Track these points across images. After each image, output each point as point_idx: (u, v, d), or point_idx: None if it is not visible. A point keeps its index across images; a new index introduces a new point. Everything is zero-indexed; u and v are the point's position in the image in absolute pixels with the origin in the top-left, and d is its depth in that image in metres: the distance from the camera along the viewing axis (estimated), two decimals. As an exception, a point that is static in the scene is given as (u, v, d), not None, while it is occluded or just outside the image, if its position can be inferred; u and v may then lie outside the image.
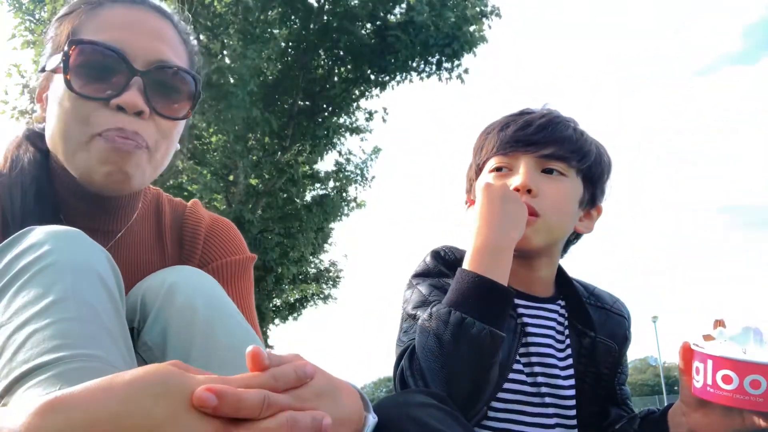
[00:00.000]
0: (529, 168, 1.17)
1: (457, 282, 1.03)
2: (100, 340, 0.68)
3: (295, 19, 11.92)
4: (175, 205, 1.20)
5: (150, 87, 0.97)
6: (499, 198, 1.09)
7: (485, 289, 0.99)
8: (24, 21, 10.97)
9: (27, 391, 0.61)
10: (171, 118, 1.01)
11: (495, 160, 1.22)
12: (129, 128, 0.94)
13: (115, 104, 0.94)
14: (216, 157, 11.96)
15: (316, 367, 0.63)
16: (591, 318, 1.21)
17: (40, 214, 0.96)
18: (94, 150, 0.94)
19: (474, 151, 1.31)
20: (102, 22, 0.99)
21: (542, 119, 1.21)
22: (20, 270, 0.71)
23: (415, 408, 0.77)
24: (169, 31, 1.05)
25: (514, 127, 1.21)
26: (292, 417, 0.53)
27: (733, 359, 0.92)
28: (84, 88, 0.94)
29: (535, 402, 1.14)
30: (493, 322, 0.97)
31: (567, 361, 1.19)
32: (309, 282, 15.13)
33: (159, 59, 0.99)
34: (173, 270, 0.92)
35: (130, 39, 0.97)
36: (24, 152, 1.04)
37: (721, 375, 0.93)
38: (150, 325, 0.83)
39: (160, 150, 1.01)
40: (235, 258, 1.15)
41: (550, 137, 1.18)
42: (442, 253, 1.24)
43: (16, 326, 0.66)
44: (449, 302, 1.00)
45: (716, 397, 0.93)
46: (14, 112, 10.75)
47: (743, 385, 0.90)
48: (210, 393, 0.50)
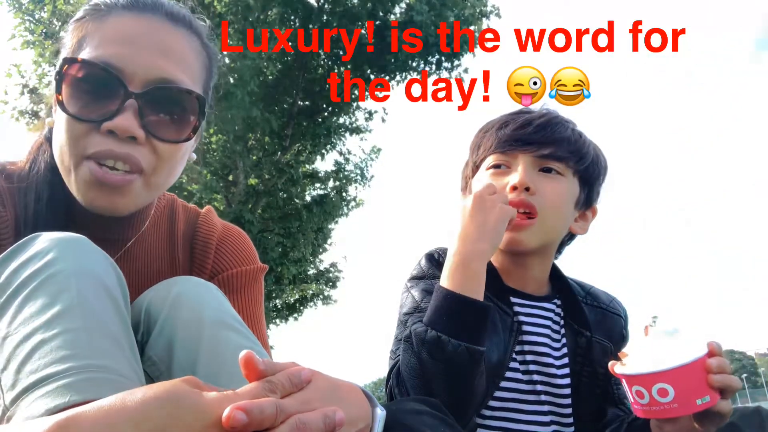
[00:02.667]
0: (527, 166, 1.17)
1: (433, 299, 1.02)
2: (107, 349, 0.68)
3: (295, 19, 11.91)
4: (189, 212, 1.19)
5: (147, 108, 0.92)
6: (474, 207, 1.07)
7: (457, 306, 0.98)
8: (24, 21, 10.95)
9: (35, 402, 0.61)
10: (169, 142, 0.96)
11: (493, 158, 1.23)
12: (120, 151, 0.90)
13: (107, 129, 0.90)
14: (216, 157, 11.95)
15: (318, 371, 0.64)
16: (586, 317, 1.22)
17: (53, 220, 0.95)
18: (81, 174, 0.91)
19: (471, 148, 1.31)
20: (106, 35, 0.95)
21: (541, 119, 1.21)
22: (26, 279, 0.70)
23: (407, 415, 0.77)
24: (179, 43, 0.99)
25: (513, 125, 1.21)
26: (300, 420, 0.54)
27: (636, 375, 0.91)
28: (78, 110, 0.91)
29: (531, 400, 1.15)
30: (468, 337, 0.95)
31: (563, 359, 1.19)
32: (309, 282, 15.11)
33: (160, 77, 0.93)
34: (179, 280, 0.90)
35: (131, 55, 0.92)
36: (42, 154, 1.02)
37: (635, 390, 0.92)
38: (155, 338, 0.82)
39: (159, 174, 0.97)
40: (246, 268, 1.13)
41: (550, 137, 1.18)
42: (435, 256, 1.24)
43: (23, 336, 0.66)
44: (426, 320, 1.00)
45: (637, 411, 0.93)
46: (14, 112, 10.73)
47: (653, 396, 0.89)
48: (241, 411, 0.50)
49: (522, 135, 1.19)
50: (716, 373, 0.88)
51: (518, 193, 1.14)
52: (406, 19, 11.15)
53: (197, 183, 10.91)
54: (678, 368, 0.88)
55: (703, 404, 0.87)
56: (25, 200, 0.96)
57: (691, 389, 0.88)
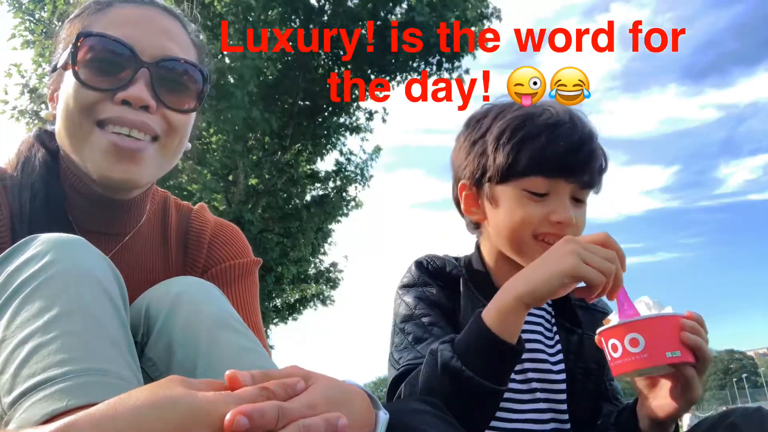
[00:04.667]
0: (567, 197, 1.12)
1: (470, 326, 0.96)
2: (105, 352, 0.68)
3: (296, 19, 11.92)
4: (182, 208, 1.20)
5: (157, 80, 0.98)
6: (568, 263, 0.92)
7: (493, 350, 0.93)
8: (24, 21, 10.97)
9: (32, 406, 0.61)
10: (179, 111, 1.01)
11: (536, 184, 1.11)
12: (134, 118, 0.94)
13: (121, 98, 0.94)
14: (216, 157, 11.95)
15: (322, 374, 0.63)
16: (577, 316, 1.23)
17: (49, 217, 0.96)
18: (97, 143, 0.94)
19: (480, 147, 1.19)
20: (111, 20, 1.00)
21: (587, 141, 1.12)
22: (23, 282, 0.70)
23: (409, 415, 0.77)
24: (177, 30, 1.06)
25: (561, 145, 1.09)
26: (303, 425, 0.53)
27: (610, 327, 0.93)
28: (91, 80, 0.95)
29: (526, 399, 1.15)
30: (492, 378, 0.92)
31: (558, 356, 1.20)
32: (309, 282, 15.11)
33: (167, 54, 1.00)
34: (178, 281, 0.91)
35: (139, 35, 0.98)
36: (35, 153, 1.03)
37: (611, 345, 0.94)
38: (154, 339, 0.82)
39: (171, 142, 1.02)
40: (239, 261, 1.14)
41: (590, 164, 1.12)
42: (425, 263, 1.23)
43: (21, 339, 0.65)
44: (456, 345, 0.95)
45: (612, 369, 0.94)
46: (14, 112, 10.74)
47: (626, 347, 0.91)
48: (243, 416, 0.50)
49: (572, 162, 1.10)
50: (690, 333, 0.90)
51: (560, 229, 1.09)
52: (406, 20, 11.16)
53: (197, 183, 10.91)
54: (650, 318, 0.91)
55: (673, 358, 0.88)
56: (19, 199, 0.97)
57: (662, 341, 0.89)
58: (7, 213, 0.96)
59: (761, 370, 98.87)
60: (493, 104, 1.27)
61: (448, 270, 1.23)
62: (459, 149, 1.26)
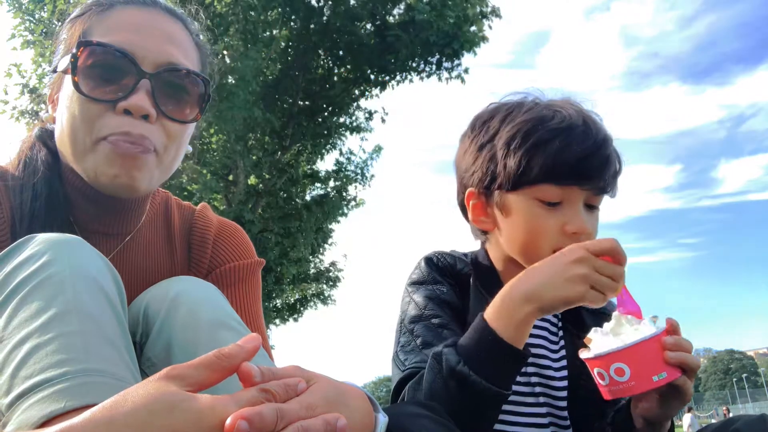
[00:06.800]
0: (581, 204, 1.08)
1: (474, 330, 0.95)
2: (103, 353, 0.67)
3: (296, 19, 11.92)
4: (184, 208, 1.19)
5: (158, 89, 0.96)
6: (577, 274, 0.91)
7: (500, 354, 0.92)
8: (24, 21, 10.96)
9: (30, 408, 0.60)
10: (179, 122, 1.00)
11: (548, 192, 1.07)
12: (135, 132, 0.93)
13: (122, 108, 0.93)
14: (216, 157, 11.95)
15: (322, 375, 0.63)
16: (584, 320, 1.20)
17: (51, 217, 0.96)
18: (101, 153, 0.94)
19: (489, 152, 1.13)
20: (112, 24, 0.99)
21: (602, 146, 1.08)
22: (21, 282, 0.70)
23: (407, 419, 0.77)
24: (180, 34, 1.04)
25: (575, 151, 1.05)
26: (302, 426, 0.53)
27: (595, 357, 0.93)
28: (92, 91, 0.94)
29: (529, 402, 1.14)
30: (499, 382, 0.92)
31: (561, 362, 1.19)
32: (309, 282, 15.11)
33: (168, 62, 0.98)
34: (177, 280, 0.91)
35: (140, 41, 0.97)
36: (36, 153, 1.03)
37: (597, 372, 0.94)
38: (153, 339, 0.82)
39: (169, 153, 1.00)
40: (243, 262, 1.14)
41: (606, 170, 1.08)
42: (434, 260, 1.21)
43: (18, 340, 0.65)
44: (461, 350, 0.94)
45: (603, 393, 0.94)
46: (14, 112, 10.73)
47: (612, 377, 0.91)
48: (243, 420, 0.50)
49: (586, 169, 1.05)
50: (672, 351, 0.89)
51: (575, 239, 1.05)
52: (406, 19, 11.15)
53: (197, 183, 10.91)
54: (630, 347, 0.89)
55: (660, 380, 0.88)
56: (20, 198, 0.97)
57: (646, 367, 0.89)
58: (8, 212, 0.95)
59: (761, 370, 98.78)
60: (499, 104, 1.20)
61: (458, 268, 1.20)
62: (465, 152, 1.20)
